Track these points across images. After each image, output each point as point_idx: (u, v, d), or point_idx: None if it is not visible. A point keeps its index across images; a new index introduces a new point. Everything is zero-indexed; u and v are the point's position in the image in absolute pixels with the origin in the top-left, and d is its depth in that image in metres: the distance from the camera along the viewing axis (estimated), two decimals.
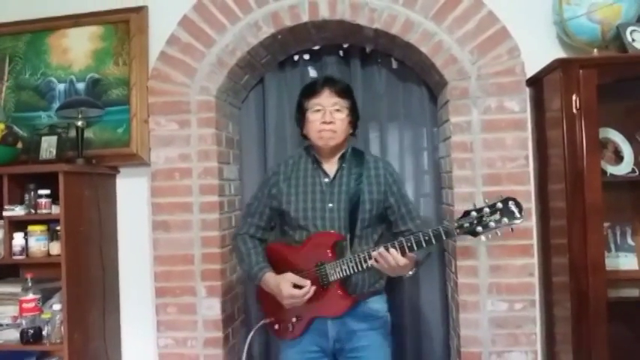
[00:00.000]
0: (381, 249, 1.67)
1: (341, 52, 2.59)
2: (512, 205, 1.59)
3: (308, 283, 1.81)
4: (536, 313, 2.19)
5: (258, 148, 2.62)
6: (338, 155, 1.92)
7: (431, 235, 1.63)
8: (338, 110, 1.86)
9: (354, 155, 1.94)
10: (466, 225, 1.61)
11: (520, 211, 1.59)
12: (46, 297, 2.21)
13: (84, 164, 2.24)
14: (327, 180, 1.90)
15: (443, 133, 2.34)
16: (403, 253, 1.66)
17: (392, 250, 1.66)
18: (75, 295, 2.10)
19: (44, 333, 2.12)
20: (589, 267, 1.85)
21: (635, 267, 2.17)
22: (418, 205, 2.50)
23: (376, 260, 1.69)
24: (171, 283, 2.30)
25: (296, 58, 2.60)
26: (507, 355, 2.15)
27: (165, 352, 2.31)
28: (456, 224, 1.62)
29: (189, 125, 2.29)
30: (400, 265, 1.66)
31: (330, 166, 1.92)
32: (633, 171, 2.03)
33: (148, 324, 2.38)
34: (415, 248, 1.66)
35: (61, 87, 2.43)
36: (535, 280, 2.16)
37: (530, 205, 2.15)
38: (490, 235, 1.64)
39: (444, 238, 1.64)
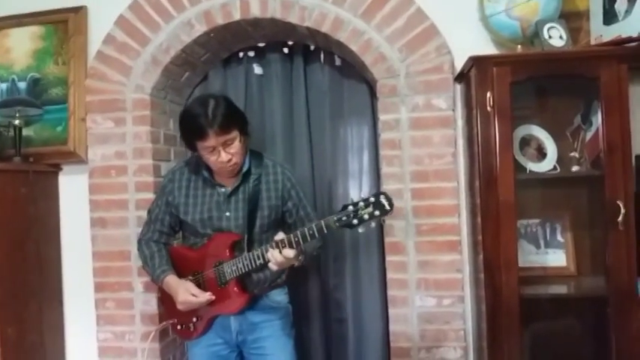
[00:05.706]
0: (275, 251, 1.72)
1: (285, 50, 2.61)
2: (383, 199, 1.65)
3: (207, 296, 1.84)
4: (466, 308, 2.20)
5: None
6: (239, 172, 1.90)
7: (314, 229, 1.70)
8: (230, 144, 1.81)
9: (252, 158, 1.94)
10: (344, 219, 1.66)
11: (390, 204, 1.65)
12: None
13: (20, 162, 2.29)
14: (223, 190, 1.91)
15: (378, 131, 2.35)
16: (290, 247, 1.72)
17: (284, 250, 1.71)
18: (8, 290, 2.15)
19: None
20: (502, 264, 1.86)
21: (563, 264, 2.18)
22: None
23: (269, 260, 1.75)
24: (110, 279, 2.35)
25: (241, 55, 2.62)
26: (436, 350, 2.17)
27: (105, 346, 2.36)
28: (335, 218, 1.68)
29: (125, 123, 2.33)
30: (290, 258, 1.72)
31: (230, 180, 1.92)
32: (555, 168, 2.02)
33: (90, 318, 2.42)
34: (301, 242, 1.72)
35: (3, 86, 2.47)
36: (462, 276, 2.17)
37: (458, 201, 2.16)
38: (374, 225, 1.71)
39: (325, 231, 1.69)
